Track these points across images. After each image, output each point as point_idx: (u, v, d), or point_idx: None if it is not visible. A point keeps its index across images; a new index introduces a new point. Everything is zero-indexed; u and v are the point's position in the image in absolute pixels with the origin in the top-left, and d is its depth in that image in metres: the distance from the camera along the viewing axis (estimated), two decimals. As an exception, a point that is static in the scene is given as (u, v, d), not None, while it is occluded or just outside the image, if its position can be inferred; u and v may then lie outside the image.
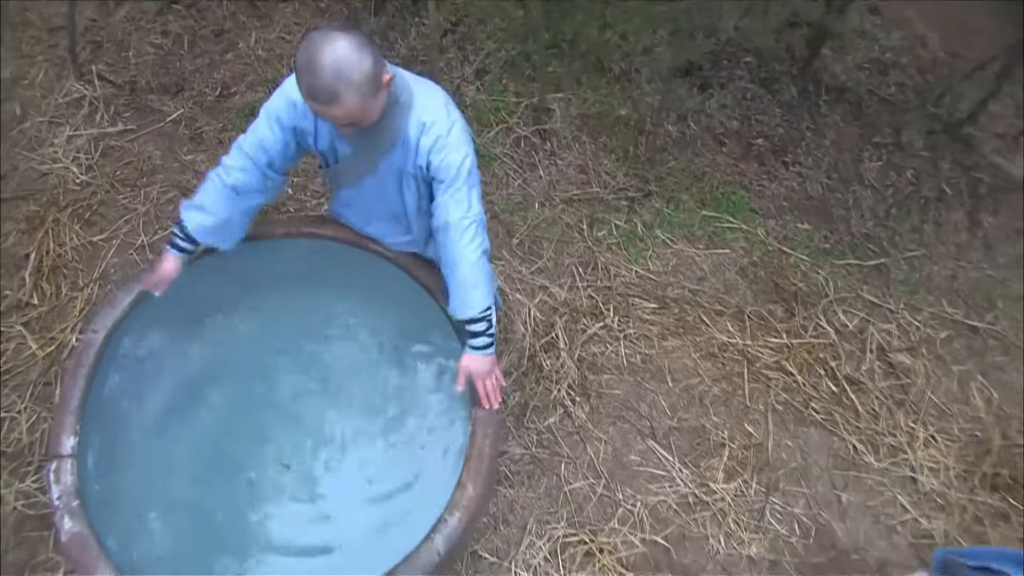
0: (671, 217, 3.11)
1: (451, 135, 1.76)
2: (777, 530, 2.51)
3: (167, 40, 3.37)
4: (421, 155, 1.79)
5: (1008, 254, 3.17)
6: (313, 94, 1.54)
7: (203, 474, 1.94)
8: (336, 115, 1.58)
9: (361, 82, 1.53)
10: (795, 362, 2.80)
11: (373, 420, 1.97)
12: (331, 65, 1.50)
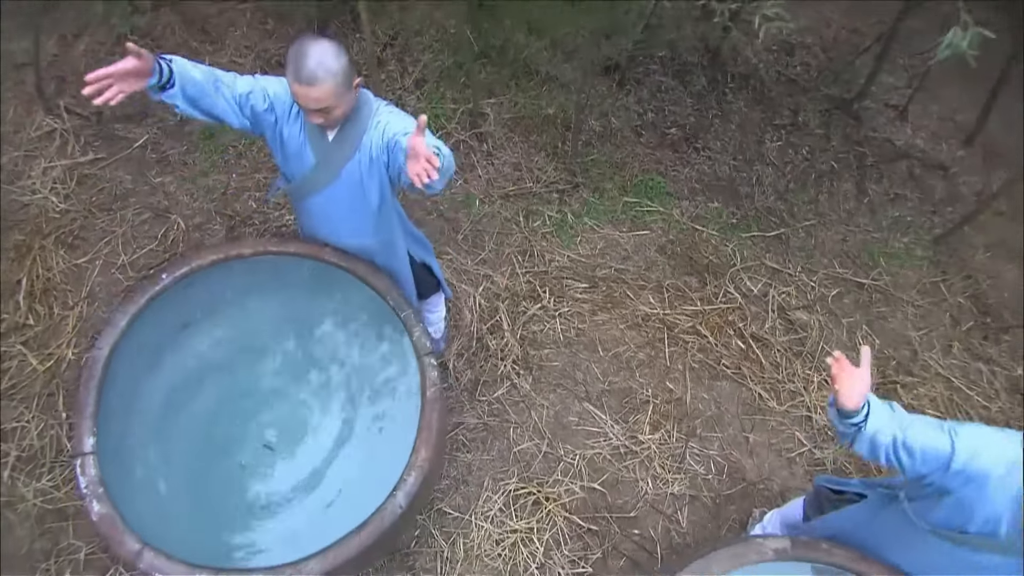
0: (597, 205, 3.51)
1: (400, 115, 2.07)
2: (696, 470, 2.96)
3: (126, 70, 3.64)
4: (375, 148, 2.10)
5: (890, 216, 3.63)
6: (298, 76, 1.87)
7: (200, 459, 2.30)
8: (314, 96, 1.89)
9: (337, 72, 1.88)
10: (708, 325, 3.24)
11: (339, 406, 2.35)
12: (316, 55, 1.86)
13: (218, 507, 2.24)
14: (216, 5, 3.89)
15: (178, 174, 3.41)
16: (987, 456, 1.69)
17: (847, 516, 2.17)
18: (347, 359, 2.40)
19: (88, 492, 1.95)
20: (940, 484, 1.74)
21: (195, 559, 1.94)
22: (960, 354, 3.26)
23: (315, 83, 1.87)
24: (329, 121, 1.99)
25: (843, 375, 1.78)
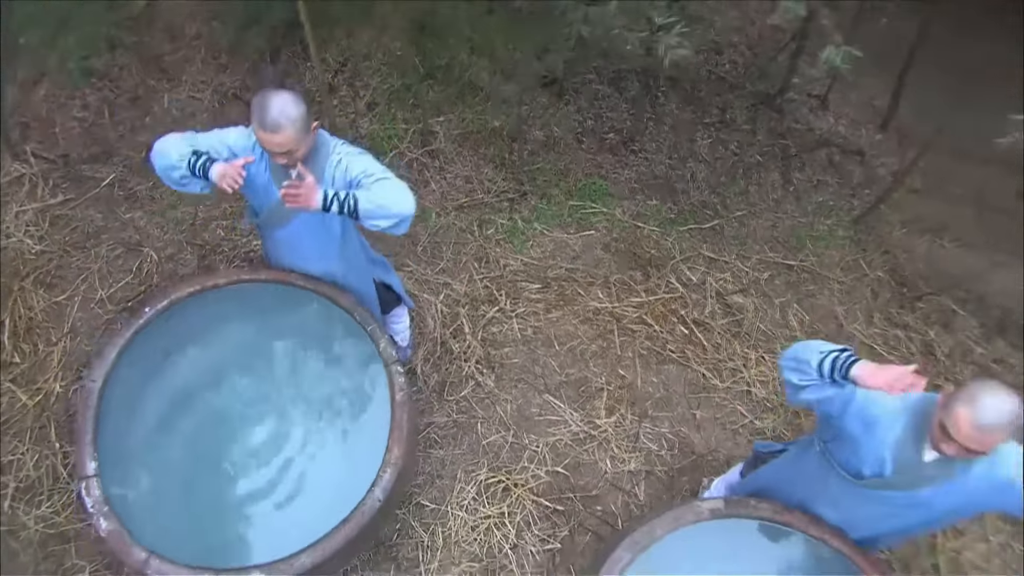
0: (545, 210, 3.77)
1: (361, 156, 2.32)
2: (649, 447, 3.24)
3: (88, 113, 3.80)
4: (337, 183, 2.35)
5: (813, 202, 3.95)
6: (263, 124, 2.13)
7: (191, 473, 2.51)
8: (277, 141, 2.15)
9: (297, 119, 2.13)
10: (653, 315, 3.52)
11: (317, 415, 2.57)
12: (278, 105, 2.11)
13: (212, 515, 2.45)
14: (170, 43, 4.06)
15: (147, 209, 3.59)
16: (879, 404, 1.99)
17: (773, 468, 2.47)
18: (321, 373, 2.63)
19: (95, 511, 2.16)
20: (840, 426, 2.05)
21: (195, 563, 2.17)
22: (880, 323, 3.59)
23: (278, 130, 2.10)
24: (292, 161, 2.22)
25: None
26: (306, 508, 2.40)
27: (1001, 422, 1.74)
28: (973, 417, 1.75)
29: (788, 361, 2.07)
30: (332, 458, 2.51)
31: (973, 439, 1.77)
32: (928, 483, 1.99)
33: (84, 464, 2.22)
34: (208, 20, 4.13)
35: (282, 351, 2.65)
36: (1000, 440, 1.79)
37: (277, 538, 2.33)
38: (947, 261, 3.86)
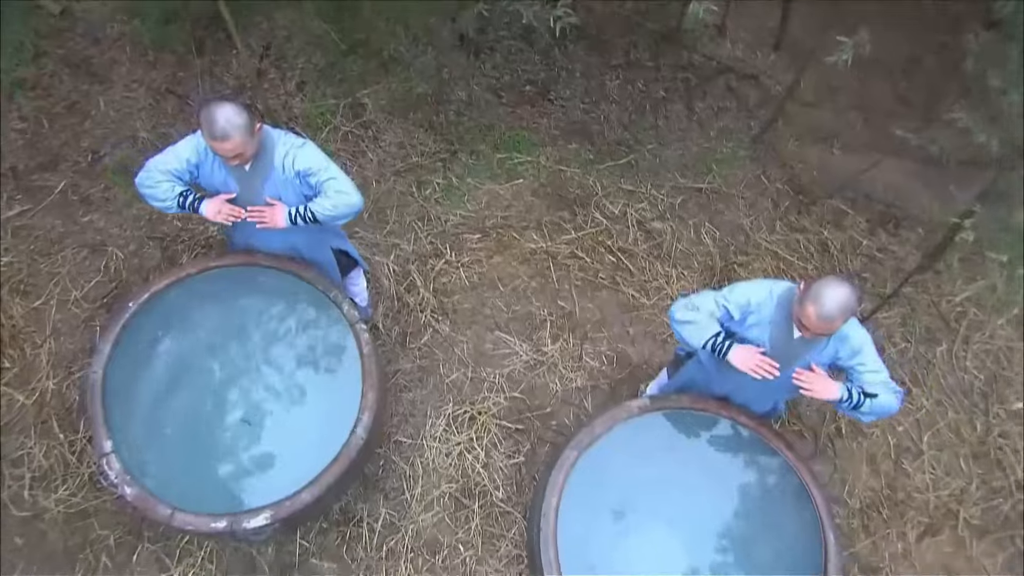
0: (475, 165, 4.10)
1: (302, 148, 2.66)
2: (592, 365, 3.70)
3: (27, 123, 3.95)
4: (288, 172, 2.67)
5: (715, 128, 4.36)
6: (213, 135, 2.44)
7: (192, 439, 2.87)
8: (227, 148, 2.47)
9: (241, 125, 2.44)
10: (583, 248, 3.93)
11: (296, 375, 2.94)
12: (223, 116, 2.41)
13: (216, 470, 2.83)
14: (94, 46, 4.19)
15: (103, 210, 3.82)
16: (752, 296, 2.47)
17: (690, 367, 2.94)
18: (294, 339, 2.98)
19: (119, 481, 2.51)
20: (728, 327, 2.51)
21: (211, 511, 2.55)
22: (782, 229, 4.07)
23: (227, 138, 2.39)
24: (243, 160, 2.52)
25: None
26: (298, 454, 2.78)
27: (840, 311, 2.23)
28: (818, 312, 2.23)
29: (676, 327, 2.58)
30: (315, 410, 2.89)
31: (821, 327, 2.26)
32: (799, 356, 2.47)
33: (101, 444, 2.56)
34: (128, 19, 4.26)
35: (256, 324, 2.98)
36: (842, 322, 2.27)
37: (277, 481, 2.72)
38: (836, 166, 4.34)
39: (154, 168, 2.66)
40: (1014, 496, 3.45)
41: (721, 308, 2.50)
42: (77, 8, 4.26)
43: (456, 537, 3.31)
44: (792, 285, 2.46)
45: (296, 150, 2.62)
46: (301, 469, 2.71)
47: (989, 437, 3.57)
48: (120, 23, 4.24)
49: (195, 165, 2.64)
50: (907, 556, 3.36)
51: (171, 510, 2.50)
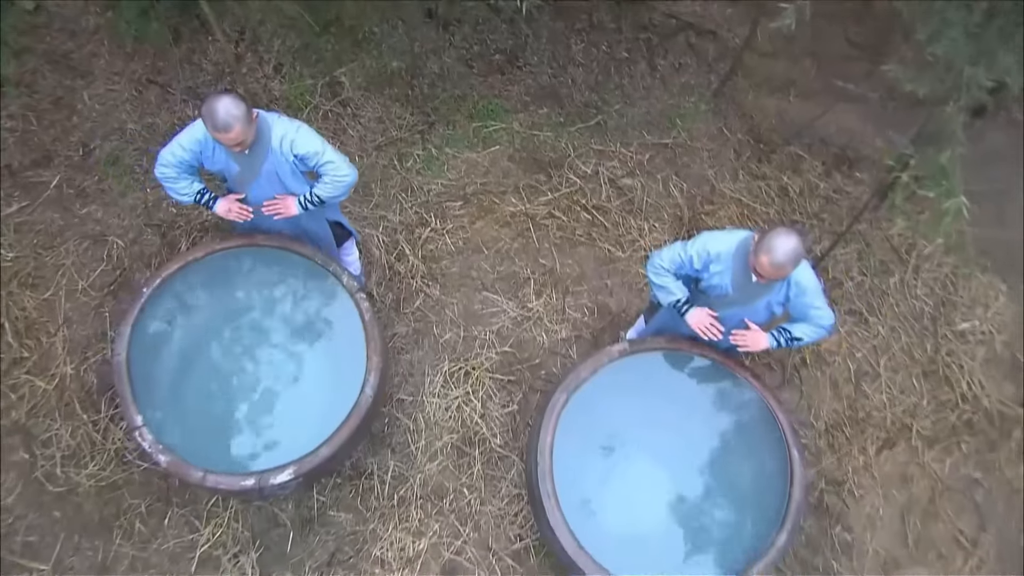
0: (452, 135, 4.30)
1: (299, 132, 2.87)
2: (575, 317, 3.98)
3: (16, 121, 4.08)
4: (286, 154, 2.88)
5: (677, 84, 4.58)
6: (215, 126, 2.65)
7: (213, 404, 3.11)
8: (230, 137, 2.68)
9: (240, 116, 2.65)
10: (560, 208, 4.17)
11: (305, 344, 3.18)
12: (223, 108, 2.62)
13: (235, 436, 3.08)
14: (72, 40, 4.29)
15: (100, 201, 3.98)
16: (711, 247, 2.74)
17: (664, 312, 3.22)
18: (299, 310, 3.21)
19: (152, 450, 2.76)
20: (695, 276, 2.80)
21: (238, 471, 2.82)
22: (744, 178, 4.33)
23: (229, 129, 2.59)
24: (244, 146, 2.73)
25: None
26: (311, 416, 3.04)
27: (789, 259, 2.52)
28: (771, 260, 2.51)
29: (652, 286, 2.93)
30: (323, 374, 3.14)
31: (774, 273, 2.55)
32: (758, 297, 2.76)
33: (132, 418, 2.80)
34: (102, 12, 4.36)
35: (261, 300, 3.21)
36: (792, 268, 2.56)
37: (294, 442, 2.98)
38: (793, 113, 4.59)
39: (167, 162, 2.88)
40: (960, 407, 3.81)
41: (687, 258, 2.78)
42: (50, 3, 4.34)
43: (460, 482, 3.62)
44: (749, 234, 2.73)
45: (294, 134, 2.82)
46: (315, 429, 2.97)
47: (938, 356, 3.92)
48: (94, 16, 4.33)
49: (198, 152, 2.84)
50: (868, 468, 3.72)
51: (203, 472, 2.76)
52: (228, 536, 3.44)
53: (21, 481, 3.46)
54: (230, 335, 3.16)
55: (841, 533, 3.61)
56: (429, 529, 3.52)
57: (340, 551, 3.46)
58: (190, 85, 4.28)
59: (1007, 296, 4.06)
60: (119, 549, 3.40)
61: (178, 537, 3.44)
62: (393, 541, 3.48)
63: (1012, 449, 3.74)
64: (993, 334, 3.97)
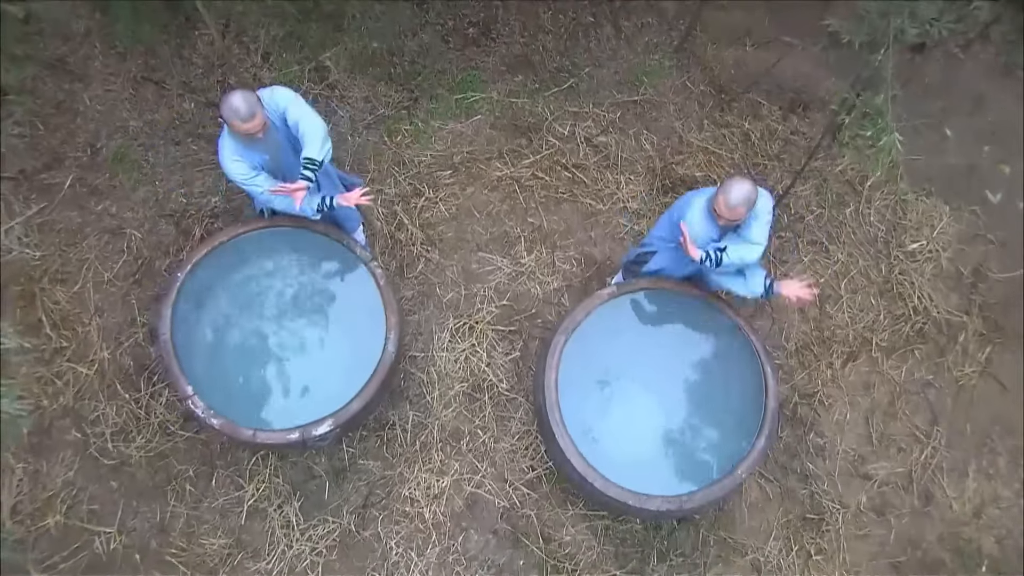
0: (436, 109, 4.59)
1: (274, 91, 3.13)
2: (564, 268, 4.35)
3: (23, 128, 4.30)
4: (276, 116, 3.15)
5: (641, 43, 4.88)
6: (242, 117, 2.93)
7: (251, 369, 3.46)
8: (256, 123, 2.96)
9: (256, 102, 2.95)
10: (542, 169, 4.50)
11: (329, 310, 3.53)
12: (241, 100, 2.91)
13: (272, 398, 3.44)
14: (65, 45, 4.49)
15: (113, 197, 4.24)
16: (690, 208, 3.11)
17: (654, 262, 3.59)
18: (320, 281, 3.55)
19: (205, 415, 3.12)
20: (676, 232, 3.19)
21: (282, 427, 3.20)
22: (709, 127, 4.68)
23: (254, 115, 2.90)
24: (264, 128, 3.01)
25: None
26: (340, 373, 3.40)
27: (741, 201, 2.90)
28: (727, 202, 2.89)
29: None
30: (346, 337, 3.50)
31: (730, 214, 2.93)
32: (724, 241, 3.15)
33: (183, 389, 3.15)
34: (91, 15, 4.55)
35: (284, 275, 3.54)
36: (746, 211, 2.94)
37: (327, 397, 3.35)
38: (750, 63, 4.91)
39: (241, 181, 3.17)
40: (912, 319, 4.26)
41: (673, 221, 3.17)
42: (39, 10, 4.51)
43: (474, 425, 4.02)
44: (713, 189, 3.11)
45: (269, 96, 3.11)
46: (344, 385, 3.34)
47: (891, 276, 4.36)
48: (85, 20, 4.52)
49: (244, 158, 3.11)
50: (835, 380, 4.18)
51: (253, 431, 3.13)
52: (271, 490, 3.83)
53: (78, 458, 3.81)
54: (258, 308, 3.49)
55: (814, 439, 4.08)
56: (450, 468, 3.93)
57: (373, 494, 3.87)
58: (183, 80, 4.51)
59: (950, 216, 4.49)
60: (174, 509, 3.78)
61: (226, 495, 3.82)
62: (419, 481, 3.90)
63: (958, 352, 4.22)
64: (939, 252, 4.41)
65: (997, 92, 4.78)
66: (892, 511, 3.95)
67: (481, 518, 3.88)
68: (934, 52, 4.74)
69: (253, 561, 3.74)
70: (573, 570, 3.79)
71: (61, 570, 3.63)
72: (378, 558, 3.78)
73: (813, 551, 3.86)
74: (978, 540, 3.88)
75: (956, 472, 4.01)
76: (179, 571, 3.70)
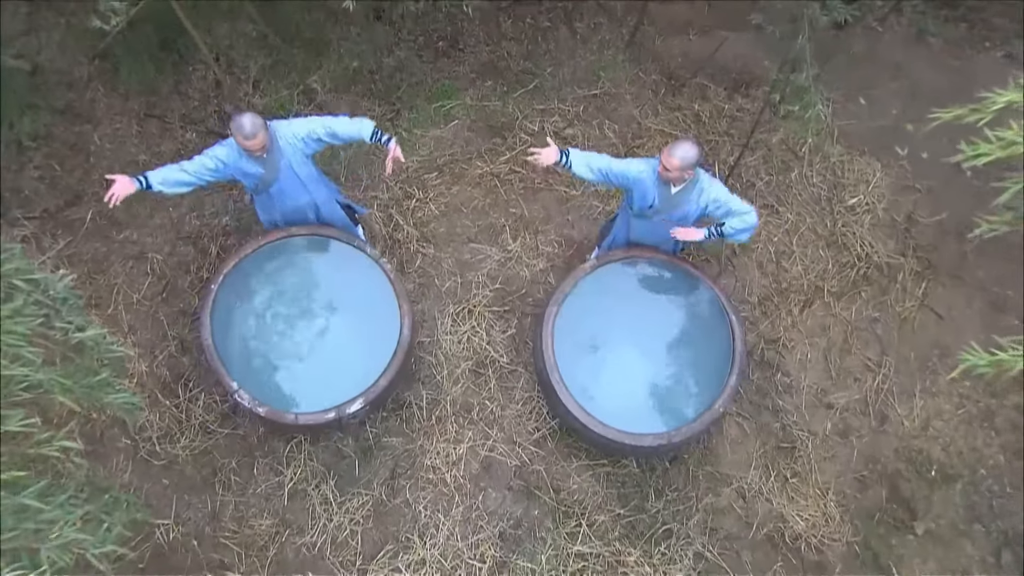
0: (417, 118, 5.06)
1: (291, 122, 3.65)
2: (547, 251, 4.84)
3: (42, 170, 4.69)
4: (296, 143, 3.65)
5: (596, 41, 5.38)
6: (246, 136, 3.40)
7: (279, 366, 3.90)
8: (257, 143, 3.44)
9: (261, 124, 3.43)
10: (518, 163, 4.99)
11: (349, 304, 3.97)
12: (248, 122, 3.39)
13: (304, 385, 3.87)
14: (71, 91, 4.88)
15: (132, 225, 4.65)
16: (633, 170, 3.62)
17: (615, 227, 4.10)
18: (337, 280, 4.00)
19: (251, 405, 3.58)
20: (624, 186, 3.69)
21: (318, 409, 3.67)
22: (663, 112, 5.21)
23: (256, 134, 3.38)
24: (265, 151, 3.48)
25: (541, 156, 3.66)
26: (362, 358, 3.86)
27: (687, 159, 3.40)
28: (669, 155, 3.40)
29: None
30: (364, 326, 3.94)
31: (677, 166, 3.43)
32: (678, 205, 3.67)
33: (229, 384, 3.60)
34: (91, 62, 4.94)
35: (305, 277, 3.99)
36: (691, 169, 3.45)
37: (353, 380, 3.81)
38: (695, 50, 5.44)
39: (180, 165, 3.61)
40: (857, 265, 4.83)
41: (613, 173, 3.68)
42: (44, 62, 4.89)
43: (482, 396, 4.51)
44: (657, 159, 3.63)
45: (288, 126, 3.65)
46: (368, 369, 3.81)
47: (836, 229, 4.92)
48: (87, 66, 4.91)
49: (223, 164, 3.57)
50: (795, 325, 4.73)
51: (294, 415, 3.59)
52: (307, 472, 4.28)
53: (130, 461, 4.23)
54: (284, 309, 3.94)
55: (781, 378, 4.63)
56: (465, 437, 4.41)
57: (399, 467, 4.34)
58: (183, 112, 4.93)
59: (882, 172, 5.06)
60: (222, 498, 4.22)
61: (267, 481, 4.27)
62: (439, 451, 4.37)
63: (898, 290, 4.79)
64: (875, 204, 4.98)
65: (913, 59, 5.36)
66: (853, 433, 4.51)
67: (497, 477, 4.37)
68: (855, 28, 5.31)
69: (299, 536, 4.20)
70: (582, 514, 4.30)
71: (129, 560, 4.05)
72: (409, 521, 4.25)
73: (789, 475, 4.41)
74: (928, 450, 4.45)
75: (905, 394, 4.58)
76: (233, 552, 4.14)
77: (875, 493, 4.39)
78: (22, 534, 1.97)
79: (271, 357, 3.89)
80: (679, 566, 4.18)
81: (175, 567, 4.09)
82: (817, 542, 4.26)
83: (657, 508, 4.31)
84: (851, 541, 4.28)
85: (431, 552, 4.16)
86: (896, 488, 4.40)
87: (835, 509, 4.33)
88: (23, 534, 1.97)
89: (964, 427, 4.50)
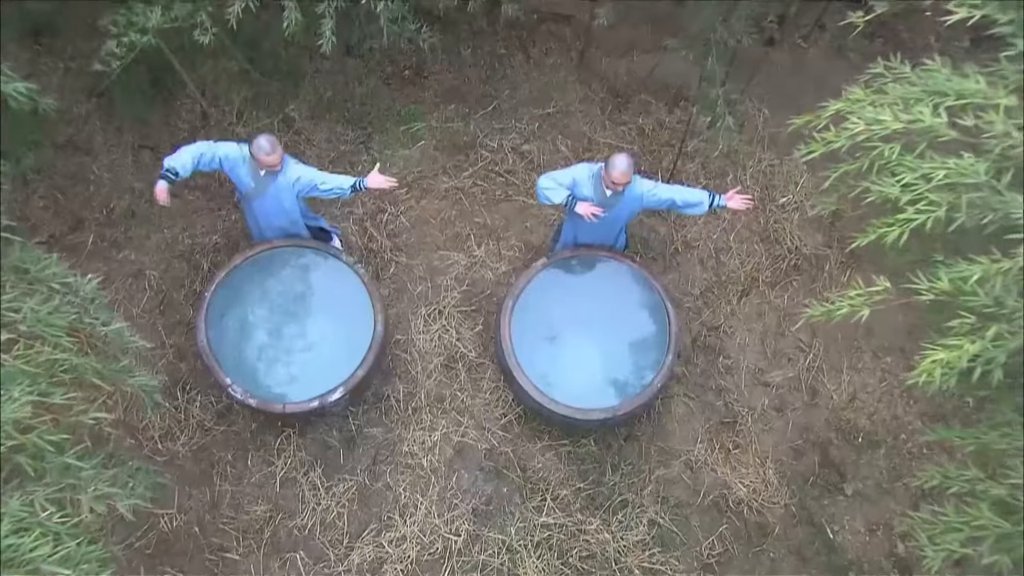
0: (387, 140, 5.57)
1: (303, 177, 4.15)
2: (509, 255, 5.33)
3: (47, 200, 5.16)
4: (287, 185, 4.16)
5: (548, 64, 5.93)
6: (265, 152, 3.94)
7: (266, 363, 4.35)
8: (273, 160, 3.97)
9: (277, 145, 3.96)
10: (482, 178, 5.50)
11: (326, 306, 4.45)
12: (267, 141, 3.93)
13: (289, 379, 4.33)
14: (70, 126, 5.36)
15: (130, 246, 5.12)
16: (577, 175, 4.15)
17: (564, 231, 4.62)
18: (316, 284, 4.47)
19: (244, 397, 4.04)
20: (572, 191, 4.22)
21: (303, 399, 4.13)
22: (611, 127, 5.74)
23: (273, 152, 3.91)
24: (272, 169, 3.99)
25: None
26: (341, 353, 4.32)
27: (623, 167, 3.93)
28: (610, 170, 3.92)
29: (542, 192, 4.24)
30: (342, 325, 4.41)
31: (619, 178, 3.96)
32: (615, 205, 4.19)
33: (223, 380, 4.06)
34: (88, 100, 5.43)
35: (288, 282, 4.46)
36: (628, 178, 3.97)
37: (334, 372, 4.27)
38: (637, 68, 5.99)
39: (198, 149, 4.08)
40: (788, 257, 5.36)
41: (567, 180, 4.18)
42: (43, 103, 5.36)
43: (453, 388, 4.98)
44: (599, 165, 4.14)
45: (302, 171, 4.18)
46: (346, 362, 4.28)
47: (769, 225, 5.46)
48: (83, 104, 5.40)
49: (221, 161, 4.08)
50: (734, 313, 5.24)
51: (282, 404, 4.06)
52: (297, 462, 4.74)
53: (135, 459, 4.65)
54: (268, 311, 4.41)
55: (724, 361, 5.13)
56: (439, 425, 4.88)
57: (379, 454, 4.80)
58: (173, 143, 5.40)
59: (808, 173, 5.60)
60: (220, 488, 4.66)
61: (260, 471, 4.72)
62: (415, 439, 4.84)
63: (826, 278, 5.32)
64: (802, 202, 5.52)
65: (834, 72, 5.93)
66: (788, 407, 5.01)
67: (468, 460, 4.83)
68: (783, 45, 5.90)
69: (291, 520, 4.64)
70: (546, 489, 4.76)
71: (137, 548, 4.49)
72: (390, 502, 4.70)
73: (731, 447, 4.90)
74: (855, 420, 4.96)
75: (834, 371, 5.09)
76: (231, 536, 4.58)
77: (808, 460, 4.89)
78: (66, 487, 2.42)
79: (260, 355, 4.35)
80: (635, 532, 4.65)
81: (179, 551, 4.52)
82: (758, 505, 4.75)
83: (614, 481, 4.78)
84: (788, 503, 4.77)
85: (411, 529, 4.61)
86: (827, 455, 4.90)
87: (773, 475, 4.82)
88: (67, 487, 2.43)
89: (886, 398, 5.02)
